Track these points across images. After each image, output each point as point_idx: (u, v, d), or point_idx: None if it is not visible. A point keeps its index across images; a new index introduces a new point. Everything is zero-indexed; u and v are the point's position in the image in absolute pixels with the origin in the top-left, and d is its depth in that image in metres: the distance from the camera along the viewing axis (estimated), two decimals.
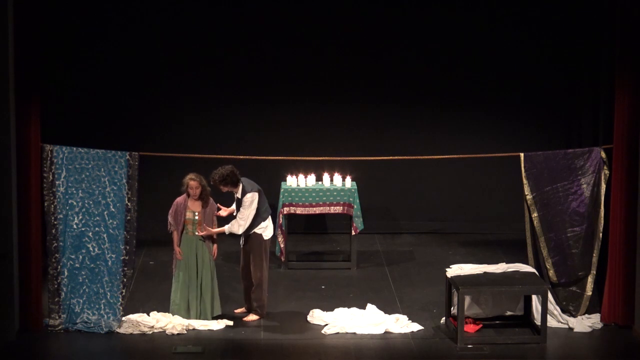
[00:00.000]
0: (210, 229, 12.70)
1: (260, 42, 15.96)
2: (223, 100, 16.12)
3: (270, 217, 12.94)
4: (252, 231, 12.81)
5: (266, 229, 12.86)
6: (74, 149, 12.39)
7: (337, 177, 14.82)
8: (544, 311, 12.22)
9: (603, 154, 12.75)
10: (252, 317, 12.94)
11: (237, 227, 12.72)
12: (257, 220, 12.78)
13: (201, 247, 12.73)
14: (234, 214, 12.92)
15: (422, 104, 16.19)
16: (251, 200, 12.68)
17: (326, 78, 16.06)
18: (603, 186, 12.77)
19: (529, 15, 15.91)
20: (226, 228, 12.74)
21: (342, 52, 15.99)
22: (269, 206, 12.97)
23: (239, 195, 12.76)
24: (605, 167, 12.74)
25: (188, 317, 12.74)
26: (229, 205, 13.12)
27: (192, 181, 12.63)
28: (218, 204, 12.98)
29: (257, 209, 12.74)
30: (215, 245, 12.82)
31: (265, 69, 16.01)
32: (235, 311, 13.13)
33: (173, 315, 12.73)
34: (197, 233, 12.68)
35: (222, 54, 15.98)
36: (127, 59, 15.86)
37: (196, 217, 12.71)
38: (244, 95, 16.11)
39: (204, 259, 12.74)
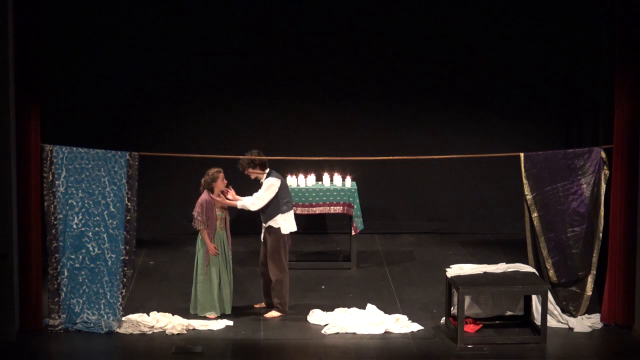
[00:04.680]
0: (225, 199, 12.81)
1: (260, 42, 15.95)
2: (223, 100, 16.12)
3: (291, 212, 13.01)
4: (269, 224, 12.89)
5: (285, 223, 12.91)
6: (74, 149, 12.38)
7: (337, 177, 14.82)
8: (544, 311, 12.21)
9: (603, 154, 12.75)
10: (273, 314, 12.96)
11: (251, 203, 12.81)
12: (275, 211, 12.86)
13: (225, 241, 12.87)
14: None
15: (422, 104, 16.19)
16: (270, 184, 12.78)
17: (326, 78, 16.06)
18: (603, 186, 12.77)
19: (529, 15, 15.90)
20: (239, 202, 12.84)
21: (342, 52, 15.98)
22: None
23: (263, 179, 12.86)
24: (605, 167, 12.74)
25: (218, 313, 12.82)
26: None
27: (221, 174, 12.78)
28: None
29: (277, 199, 12.83)
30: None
31: (265, 69, 16.01)
32: (255, 306, 13.21)
33: (201, 314, 12.81)
34: (215, 199, 12.78)
35: (221, 54, 15.98)
36: (127, 59, 15.86)
37: (222, 213, 12.83)
38: (243, 96, 16.11)
39: (227, 252, 12.87)
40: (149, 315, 12.79)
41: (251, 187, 13.11)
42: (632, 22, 12.22)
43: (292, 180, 14.72)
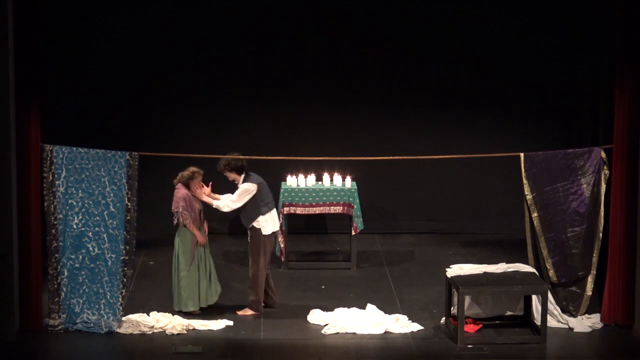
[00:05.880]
0: (203, 193, 12.92)
1: (259, 41, 15.96)
2: (223, 100, 16.12)
3: (273, 212, 13.03)
4: (251, 225, 12.91)
5: (267, 224, 12.91)
6: (74, 149, 12.39)
7: (337, 177, 14.82)
8: (544, 311, 12.21)
9: (603, 154, 12.75)
10: (246, 312, 12.97)
11: (224, 205, 12.95)
12: (255, 213, 12.89)
13: (203, 234, 12.99)
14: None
15: (422, 104, 16.19)
16: (245, 189, 12.86)
17: (326, 78, 16.07)
18: (603, 186, 12.77)
19: (529, 15, 15.91)
20: (215, 202, 12.97)
21: (342, 52, 15.99)
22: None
23: (240, 184, 12.91)
24: (605, 167, 12.74)
25: (199, 306, 12.87)
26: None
27: (200, 175, 12.91)
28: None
29: (256, 203, 12.86)
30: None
31: (265, 69, 16.02)
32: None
33: (185, 310, 12.84)
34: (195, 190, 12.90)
35: (221, 54, 15.99)
36: (126, 59, 15.87)
37: (199, 205, 12.95)
38: (243, 95, 16.12)
39: (205, 245, 12.96)
40: (149, 315, 12.79)
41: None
42: (632, 22, 12.22)
43: (292, 180, 14.72)
